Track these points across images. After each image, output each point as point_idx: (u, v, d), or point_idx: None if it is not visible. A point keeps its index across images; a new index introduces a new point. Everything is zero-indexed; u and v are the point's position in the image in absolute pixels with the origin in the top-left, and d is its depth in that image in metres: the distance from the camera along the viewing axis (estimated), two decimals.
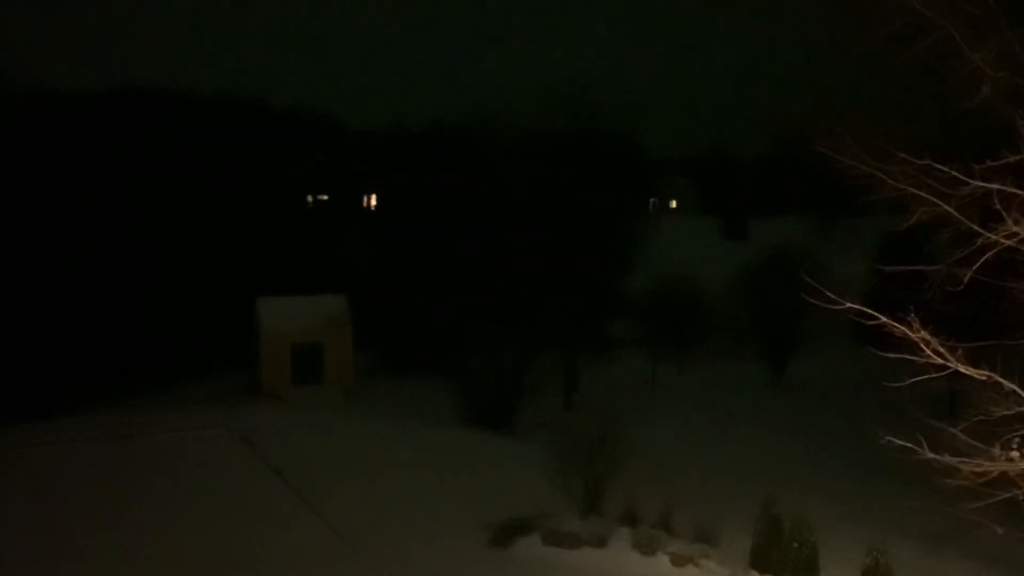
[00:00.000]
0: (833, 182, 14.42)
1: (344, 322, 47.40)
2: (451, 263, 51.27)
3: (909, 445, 12.45)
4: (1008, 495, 12.77)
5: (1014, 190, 12.36)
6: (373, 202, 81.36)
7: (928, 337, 12.30)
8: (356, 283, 52.99)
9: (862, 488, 31.02)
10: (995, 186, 12.33)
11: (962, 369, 12.40)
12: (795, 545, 21.97)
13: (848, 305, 13.09)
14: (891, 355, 12.57)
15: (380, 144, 77.00)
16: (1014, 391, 12.46)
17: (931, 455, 12.30)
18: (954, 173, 12.54)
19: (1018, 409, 12.46)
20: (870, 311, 12.91)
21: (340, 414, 39.36)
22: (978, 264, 12.74)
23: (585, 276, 47.26)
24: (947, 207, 12.79)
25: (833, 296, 13.14)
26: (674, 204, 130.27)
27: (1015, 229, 12.23)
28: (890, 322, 12.55)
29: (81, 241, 46.06)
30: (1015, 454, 12.28)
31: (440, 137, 67.69)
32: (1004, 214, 12.24)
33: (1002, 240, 12.45)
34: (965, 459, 12.25)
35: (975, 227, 12.68)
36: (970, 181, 12.45)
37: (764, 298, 51.27)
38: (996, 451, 12.30)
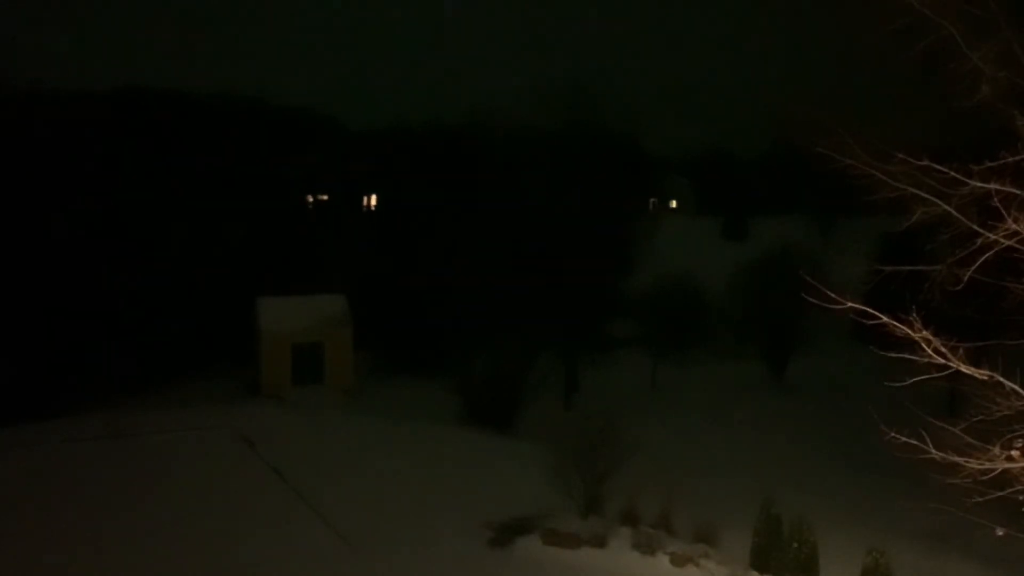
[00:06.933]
0: (833, 182, 14.41)
1: (344, 322, 47.40)
2: (451, 263, 51.26)
3: (914, 442, 12.45)
4: (1005, 493, 12.76)
5: (1013, 190, 12.37)
6: (373, 202, 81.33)
7: (929, 337, 12.31)
8: (356, 283, 52.94)
9: (862, 488, 31.05)
10: (994, 186, 12.35)
11: (963, 369, 12.40)
12: (795, 545, 21.99)
13: (849, 305, 13.08)
14: (892, 355, 12.57)
15: (380, 144, 76.95)
16: (1015, 390, 12.47)
17: (936, 452, 12.30)
18: (953, 173, 12.55)
19: (1019, 408, 12.46)
20: (872, 311, 12.91)
21: (340, 414, 39.38)
22: (978, 264, 12.74)
23: (585, 276, 47.24)
24: (947, 207, 12.80)
25: (833, 296, 13.14)
26: (674, 204, 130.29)
27: (1015, 228, 12.23)
28: (892, 322, 12.55)
29: (81, 241, 46.04)
30: (1015, 453, 12.29)
31: (440, 137, 67.59)
32: (1004, 213, 12.25)
33: (1002, 240, 12.46)
34: (968, 458, 12.25)
35: (975, 227, 12.68)
36: (969, 181, 12.46)
37: (764, 298, 51.24)
38: (997, 450, 12.30)
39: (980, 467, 12.30)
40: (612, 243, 51.24)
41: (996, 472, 12.36)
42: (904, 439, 12.52)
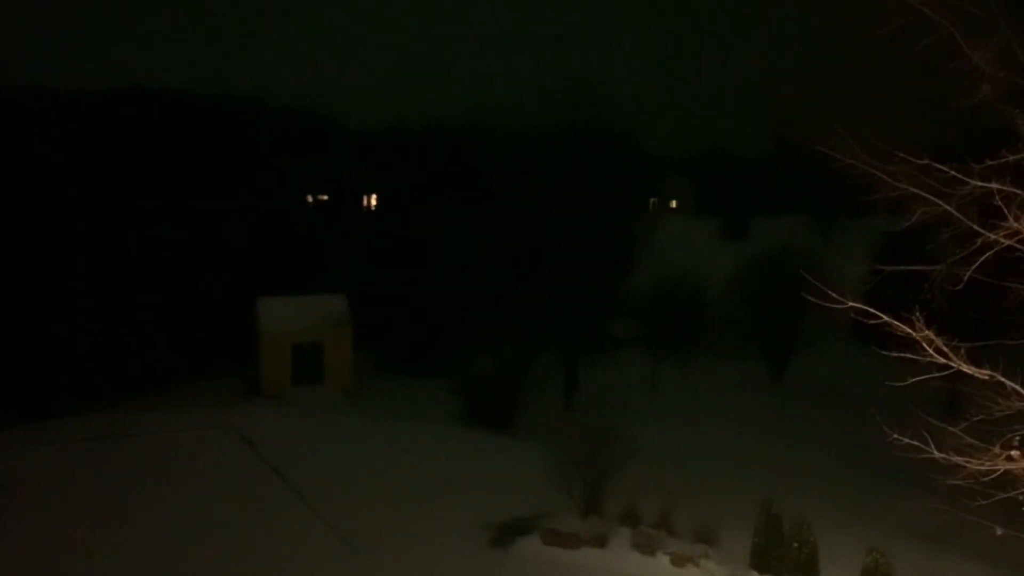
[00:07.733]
0: (833, 182, 14.41)
1: (344, 322, 47.37)
2: (451, 263, 51.26)
3: (915, 443, 12.43)
4: (1008, 495, 12.75)
5: (1013, 189, 12.36)
6: (373, 202, 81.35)
7: (931, 336, 12.28)
8: (356, 283, 52.94)
9: (862, 488, 31.05)
10: (994, 185, 12.33)
11: (965, 369, 12.38)
12: (795, 545, 21.98)
13: (850, 304, 13.06)
14: (893, 354, 12.55)
15: (380, 144, 77.03)
16: (1015, 390, 12.45)
17: (938, 453, 12.29)
18: (954, 173, 12.54)
19: (1020, 408, 12.45)
20: (873, 310, 12.89)
21: (340, 414, 39.37)
22: (978, 263, 12.73)
23: (585, 276, 47.23)
24: (947, 206, 12.78)
25: (833, 295, 13.12)
26: (674, 204, 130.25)
27: (1015, 228, 12.22)
28: (893, 322, 12.53)
29: (81, 241, 46.04)
30: (1015, 452, 12.28)
31: (440, 137, 67.64)
32: (1005, 212, 12.23)
33: (1002, 239, 12.45)
34: (969, 458, 12.24)
35: (975, 226, 12.67)
36: (969, 180, 12.45)
37: (764, 298, 51.16)
38: (997, 450, 12.29)
39: (981, 467, 12.28)
40: (612, 243, 51.18)
41: (997, 473, 12.34)
42: (907, 440, 12.50)
